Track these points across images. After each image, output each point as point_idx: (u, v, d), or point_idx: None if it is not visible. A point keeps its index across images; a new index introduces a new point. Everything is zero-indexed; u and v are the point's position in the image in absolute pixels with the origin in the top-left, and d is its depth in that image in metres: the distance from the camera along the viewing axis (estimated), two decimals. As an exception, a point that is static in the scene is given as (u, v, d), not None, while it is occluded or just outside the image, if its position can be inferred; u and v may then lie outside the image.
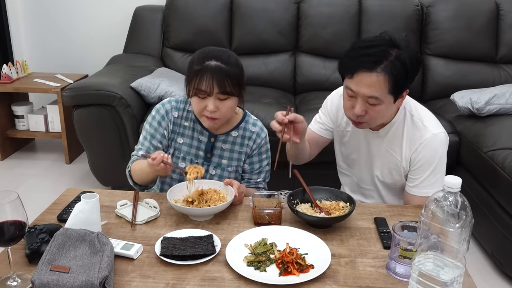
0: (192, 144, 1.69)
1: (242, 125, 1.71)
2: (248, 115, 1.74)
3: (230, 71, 1.52)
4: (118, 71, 3.04)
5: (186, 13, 3.36)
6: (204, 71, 1.51)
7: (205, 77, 1.50)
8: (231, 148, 1.71)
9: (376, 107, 1.47)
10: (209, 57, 1.53)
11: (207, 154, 1.69)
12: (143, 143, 1.69)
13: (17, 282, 1.13)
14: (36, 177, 3.25)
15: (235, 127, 1.70)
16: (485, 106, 2.62)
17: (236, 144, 1.71)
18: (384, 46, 1.43)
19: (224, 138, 1.70)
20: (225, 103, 1.55)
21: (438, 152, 1.56)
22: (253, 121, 1.73)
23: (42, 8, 3.76)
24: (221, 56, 1.54)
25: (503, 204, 2.21)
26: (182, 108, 1.69)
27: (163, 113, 1.68)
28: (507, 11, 3.25)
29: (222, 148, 1.70)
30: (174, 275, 1.18)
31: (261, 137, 1.72)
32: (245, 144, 1.71)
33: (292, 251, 1.24)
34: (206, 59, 1.53)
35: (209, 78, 1.50)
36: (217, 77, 1.50)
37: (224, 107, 1.55)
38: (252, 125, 1.72)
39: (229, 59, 1.55)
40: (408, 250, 1.18)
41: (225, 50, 1.60)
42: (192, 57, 1.59)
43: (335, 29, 3.30)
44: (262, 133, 1.73)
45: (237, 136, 1.70)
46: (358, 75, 1.44)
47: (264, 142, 1.73)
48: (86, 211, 1.26)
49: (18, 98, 3.60)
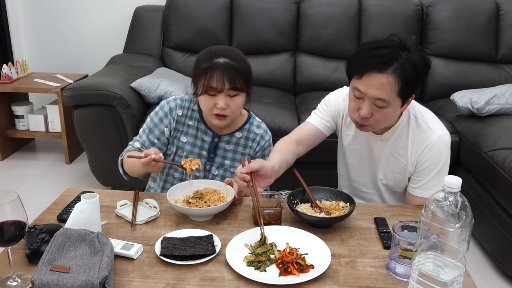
0: (195, 144, 1.69)
1: (247, 126, 1.71)
2: (253, 117, 1.75)
3: (239, 67, 1.54)
4: (118, 71, 3.04)
5: (186, 13, 3.36)
6: (214, 68, 1.51)
7: (215, 74, 1.51)
8: (234, 149, 1.71)
9: (383, 109, 1.45)
10: (217, 55, 1.54)
11: (210, 154, 1.70)
12: (141, 136, 1.70)
13: (17, 282, 1.13)
14: (36, 177, 3.25)
15: (240, 128, 1.70)
16: (485, 106, 2.62)
17: (240, 145, 1.71)
18: (394, 48, 1.41)
19: (228, 139, 1.70)
20: (234, 99, 1.55)
21: (443, 154, 1.56)
22: (257, 123, 1.74)
23: (42, 8, 3.77)
24: (229, 53, 1.55)
25: (503, 204, 2.21)
26: (187, 106, 1.70)
27: (166, 110, 1.68)
28: (507, 11, 3.25)
29: (226, 149, 1.70)
30: (174, 275, 1.18)
31: (265, 140, 1.73)
32: (249, 145, 1.71)
33: (292, 251, 1.24)
34: (214, 57, 1.53)
35: (220, 75, 1.51)
36: (227, 73, 1.51)
37: (233, 104, 1.55)
38: (256, 127, 1.72)
39: (237, 56, 1.57)
40: (408, 250, 1.18)
41: (232, 48, 1.62)
42: (198, 56, 1.60)
43: (335, 29, 3.30)
44: (266, 135, 1.73)
45: (241, 137, 1.71)
46: (367, 75, 1.41)
47: (267, 145, 1.73)
48: (86, 211, 1.26)
49: (18, 98, 3.60)
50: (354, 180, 1.76)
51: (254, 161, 1.41)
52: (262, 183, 1.43)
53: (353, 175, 1.75)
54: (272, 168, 1.44)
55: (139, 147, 1.69)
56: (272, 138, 1.75)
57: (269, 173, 1.43)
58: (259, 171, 1.40)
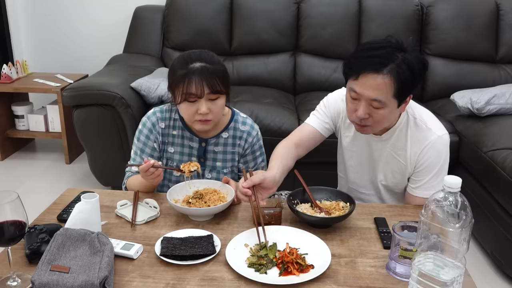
0: (183, 152, 1.68)
1: (232, 125, 1.69)
2: (237, 114, 1.72)
3: (217, 70, 1.51)
4: (118, 71, 3.04)
5: (186, 13, 3.36)
6: (191, 73, 1.48)
7: (193, 80, 1.48)
8: (224, 149, 1.69)
9: (379, 110, 1.44)
10: (192, 60, 1.51)
11: (201, 159, 1.68)
12: (134, 159, 1.68)
13: (17, 282, 1.13)
14: (36, 177, 3.25)
15: (225, 128, 1.68)
16: (485, 106, 2.62)
17: (228, 145, 1.69)
18: (390, 49, 1.41)
19: (215, 141, 1.68)
20: (216, 102, 1.53)
21: (443, 154, 1.55)
22: (242, 120, 1.71)
23: (42, 8, 3.77)
24: (204, 57, 1.52)
25: (503, 204, 2.21)
26: (168, 117, 1.68)
27: (150, 127, 1.66)
28: (507, 11, 3.25)
29: (215, 151, 1.69)
30: (174, 275, 1.18)
31: (252, 135, 1.71)
32: (237, 144, 1.70)
33: (292, 251, 1.24)
34: (189, 62, 1.50)
35: (198, 80, 1.48)
36: (205, 78, 1.48)
37: (215, 107, 1.53)
38: (242, 124, 1.70)
39: (213, 58, 1.54)
40: (408, 250, 1.18)
41: (205, 50, 1.57)
42: (172, 63, 1.56)
43: (335, 29, 3.30)
44: (253, 131, 1.71)
45: (228, 137, 1.69)
46: (363, 76, 1.41)
47: (256, 140, 1.71)
48: (86, 211, 1.26)
49: (18, 98, 3.60)
50: (353, 181, 1.76)
51: (256, 174, 1.40)
52: (264, 194, 1.42)
53: (352, 177, 1.75)
54: (273, 179, 1.43)
55: (137, 171, 1.63)
56: (271, 138, 1.74)
57: (271, 185, 1.42)
58: (261, 183, 1.40)
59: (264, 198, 1.41)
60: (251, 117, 2.75)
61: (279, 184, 1.48)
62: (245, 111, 2.73)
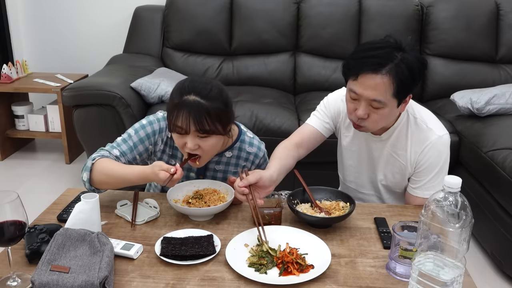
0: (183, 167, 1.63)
1: (237, 145, 1.61)
2: (244, 133, 1.63)
3: (209, 107, 1.37)
4: (118, 71, 3.04)
5: (186, 13, 3.36)
6: (181, 106, 1.37)
7: (181, 113, 1.37)
8: (225, 169, 1.63)
9: (379, 110, 1.44)
10: (187, 91, 1.39)
11: (200, 176, 1.63)
12: (120, 145, 1.52)
13: (17, 282, 1.13)
14: (36, 177, 3.25)
15: (230, 147, 1.60)
16: (485, 106, 2.62)
17: (231, 165, 1.63)
18: (389, 49, 1.41)
19: (217, 159, 1.61)
20: (206, 140, 1.42)
21: (443, 154, 1.55)
22: (249, 140, 1.63)
23: (42, 8, 3.77)
24: (201, 89, 1.39)
25: (503, 204, 2.21)
26: None
27: (156, 129, 1.56)
28: (507, 11, 3.25)
29: (215, 169, 1.63)
30: (174, 275, 1.18)
31: (259, 157, 1.64)
32: (241, 165, 1.63)
33: (292, 251, 1.24)
34: (184, 93, 1.39)
35: (186, 115, 1.36)
36: (194, 114, 1.36)
37: (205, 145, 1.42)
38: (249, 145, 1.62)
39: (210, 92, 1.39)
40: (408, 250, 1.18)
41: (208, 81, 1.44)
42: (174, 87, 1.45)
43: (335, 29, 3.31)
44: (260, 152, 1.64)
45: (232, 156, 1.62)
46: (362, 76, 1.41)
47: (263, 161, 1.66)
48: (86, 211, 1.26)
49: (18, 98, 3.60)
50: (352, 181, 1.76)
51: (252, 173, 1.39)
52: (262, 193, 1.40)
53: (352, 177, 1.75)
54: (270, 178, 1.42)
55: (118, 155, 1.50)
56: (271, 139, 1.74)
57: (268, 183, 1.41)
58: (258, 182, 1.38)
59: (262, 197, 1.39)
60: (251, 117, 2.79)
61: (277, 183, 1.47)
62: (245, 111, 2.77)
